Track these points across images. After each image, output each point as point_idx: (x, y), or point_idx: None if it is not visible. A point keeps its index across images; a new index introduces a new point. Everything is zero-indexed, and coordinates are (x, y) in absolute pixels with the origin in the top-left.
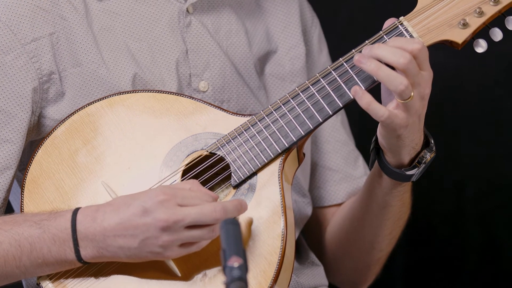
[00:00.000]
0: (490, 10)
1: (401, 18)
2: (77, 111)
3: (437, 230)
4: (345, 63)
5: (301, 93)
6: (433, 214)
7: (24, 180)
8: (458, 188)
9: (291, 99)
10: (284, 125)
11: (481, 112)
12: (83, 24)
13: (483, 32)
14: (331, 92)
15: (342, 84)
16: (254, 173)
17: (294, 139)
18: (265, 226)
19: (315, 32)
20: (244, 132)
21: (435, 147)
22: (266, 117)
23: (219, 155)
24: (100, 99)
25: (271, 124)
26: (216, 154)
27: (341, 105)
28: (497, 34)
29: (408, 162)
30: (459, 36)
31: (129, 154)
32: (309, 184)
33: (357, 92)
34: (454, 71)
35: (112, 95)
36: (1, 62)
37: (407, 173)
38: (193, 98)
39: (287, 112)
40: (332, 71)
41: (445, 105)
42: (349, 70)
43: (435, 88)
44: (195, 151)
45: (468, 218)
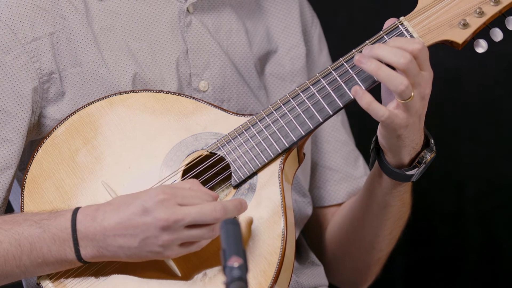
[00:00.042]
0: (491, 10)
1: (402, 18)
2: (77, 111)
3: (437, 230)
4: (346, 63)
5: (302, 93)
6: (433, 214)
7: (24, 180)
8: (458, 188)
9: (292, 99)
10: (285, 125)
11: (481, 112)
12: (83, 24)
13: (484, 32)
14: (332, 92)
15: (343, 84)
16: (254, 173)
17: (294, 139)
18: (265, 226)
19: (315, 32)
20: (245, 132)
21: (435, 147)
22: (267, 117)
23: (219, 155)
24: (100, 99)
25: (271, 124)
26: (216, 154)
27: (342, 105)
28: (498, 34)
29: (408, 162)
30: (460, 36)
31: (129, 154)
32: (309, 184)
33: (358, 92)
34: (454, 71)
35: (112, 95)
36: (1, 62)
37: (407, 173)
38: (194, 98)
39: (287, 112)
40: (333, 71)
41: (445, 105)
42: (350, 70)
43: (435, 88)
44: (196, 151)
45: (468, 218)
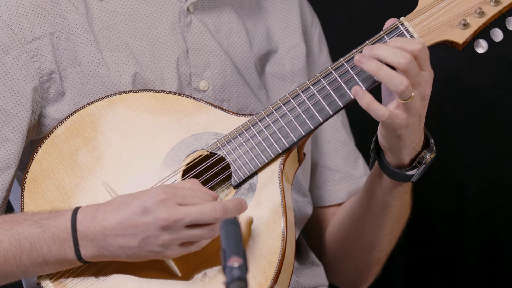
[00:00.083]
0: (491, 11)
1: (402, 18)
2: (78, 111)
3: (437, 230)
4: (346, 63)
5: (302, 93)
6: (433, 214)
7: (25, 180)
8: (458, 188)
9: (292, 99)
10: (285, 125)
11: (481, 112)
12: (84, 24)
13: (484, 33)
14: (332, 92)
15: (343, 84)
16: (255, 173)
17: (295, 139)
18: (266, 226)
19: (315, 32)
20: (245, 132)
21: (435, 147)
22: (267, 117)
23: (220, 155)
24: (101, 99)
25: (272, 124)
26: (217, 154)
27: (342, 105)
28: (498, 35)
29: (408, 162)
30: (460, 37)
31: (130, 154)
32: (310, 184)
33: (358, 92)
34: (454, 71)
35: (113, 95)
36: (2, 62)
37: (407, 173)
38: (194, 98)
39: (288, 112)
40: (333, 71)
41: (445, 105)
42: (350, 70)
43: (435, 88)
44: (196, 151)
45: (468, 218)
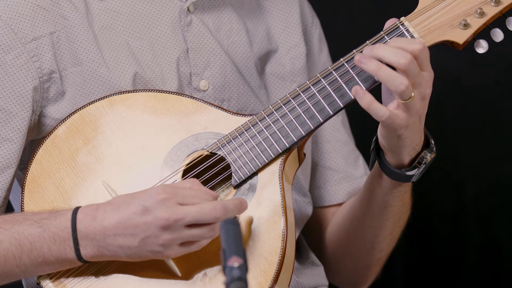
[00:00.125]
0: (491, 11)
1: (402, 19)
2: (78, 111)
3: (437, 230)
4: (346, 63)
5: (302, 93)
6: (433, 214)
7: (25, 179)
8: (458, 188)
9: (292, 99)
10: (285, 125)
11: (481, 112)
12: (84, 23)
13: (484, 33)
14: (332, 93)
15: (343, 84)
16: (255, 173)
17: (295, 139)
18: (266, 226)
19: (316, 32)
20: (245, 132)
21: (435, 147)
22: (267, 117)
23: (220, 155)
24: (101, 99)
25: (272, 124)
26: (217, 154)
27: (342, 106)
28: (498, 35)
29: (409, 163)
30: (460, 37)
31: (130, 154)
32: (310, 184)
33: (358, 92)
34: (455, 71)
35: (113, 95)
36: (2, 61)
37: (407, 174)
38: (194, 98)
39: (288, 112)
40: (333, 71)
41: (445, 105)
42: (350, 71)
43: (435, 88)
44: (196, 151)
45: (468, 218)
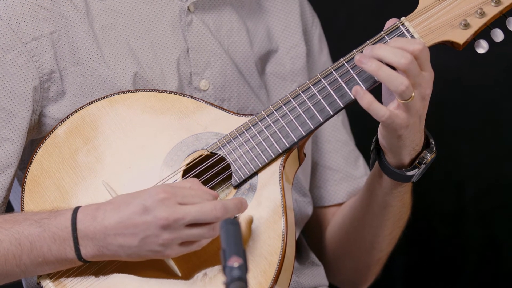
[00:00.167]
0: (492, 11)
1: (403, 19)
2: (78, 110)
3: (437, 230)
4: (346, 64)
5: (302, 93)
6: (433, 214)
7: (25, 179)
8: (458, 188)
9: (292, 99)
10: (285, 125)
11: (481, 112)
12: (84, 23)
13: (484, 33)
14: (332, 93)
15: (343, 85)
16: (255, 173)
17: (295, 139)
18: (266, 226)
19: (316, 32)
20: (245, 132)
21: (436, 147)
22: (267, 117)
23: (220, 155)
24: (101, 98)
25: (272, 124)
26: (217, 154)
27: (342, 106)
28: (498, 35)
29: (409, 163)
30: (460, 37)
31: (130, 154)
32: (310, 184)
33: (358, 92)
34: (455, 71)
35: (113, 94)
36: (2, 61)
37: (408, 174)
38: (194, 98)
39: (288, 112)
40: (333, 71)
41: (445, 105)
42: (350, 71)
43: (435, 88)
44: (196, 151)
45: (468, 218)
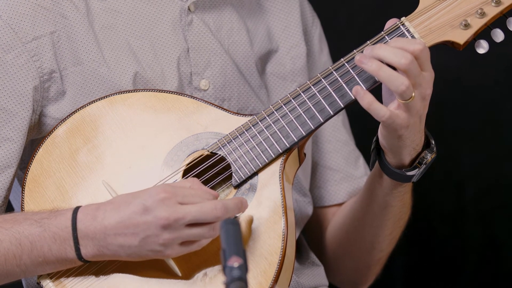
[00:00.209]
0: (492, 11)
1: (403, 19)
2: (78, 110)
3: (437, 230)
4: (347, 64)
5: (302, 93)
6: (433, 214)
7: (25, 179)
8: (458, 188)
9: (292, 99)
10: (285, 125)
11: (481, 112)
12: (84, 23)
13: (485, 33)
14: (332, 93)
15: (344, 85)
16: (255, 173)
17: (295, 139)
18: (266, 226)
19: (316, 32)
20: (245, 132)
21: (436, 148)
22: (267, 117)
23: (220, 155)
24: (101, 98)
25: (272, 124)
26: (217, 154)
27: (342, 106)
28: (499, 35)
29: (409, 163)
30: (461, 37)
31: (130, 154)
32: (310, 184)
33: (359, 92)
34: (455, 71)
35: (113, 94)
36: (2, 61)
37: (408, 174)
38: (195, 98)
39: (288, 112)
40: (334, 72)
41: (445, 105)
42: (351, 71)
43: (436, 88)
44: (196, 151)
45: (468, 218)
